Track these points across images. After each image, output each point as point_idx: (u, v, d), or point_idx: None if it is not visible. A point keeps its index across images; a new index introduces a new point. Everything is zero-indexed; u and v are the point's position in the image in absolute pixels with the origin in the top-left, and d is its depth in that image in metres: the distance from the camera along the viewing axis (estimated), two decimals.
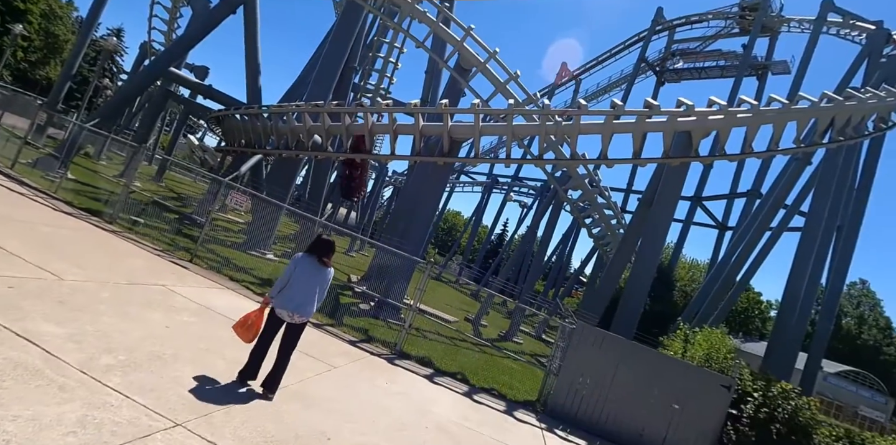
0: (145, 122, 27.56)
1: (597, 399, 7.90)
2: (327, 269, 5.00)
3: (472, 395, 7.43)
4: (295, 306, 4.70)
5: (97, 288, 5.77)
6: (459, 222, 60.92)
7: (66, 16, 50.89)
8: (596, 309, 13.03)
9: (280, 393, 4.74)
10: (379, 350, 8.14)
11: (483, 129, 12.72)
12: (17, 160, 11.87)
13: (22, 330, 4.00)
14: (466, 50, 15.58)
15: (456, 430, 5.61)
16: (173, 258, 9.08)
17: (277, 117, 14.72)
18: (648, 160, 13.53)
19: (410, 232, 13.41)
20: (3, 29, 35.51)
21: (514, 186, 41.65)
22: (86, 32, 25.46)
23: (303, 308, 4.75)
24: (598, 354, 8.11)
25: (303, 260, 4.85)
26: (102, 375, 3.78)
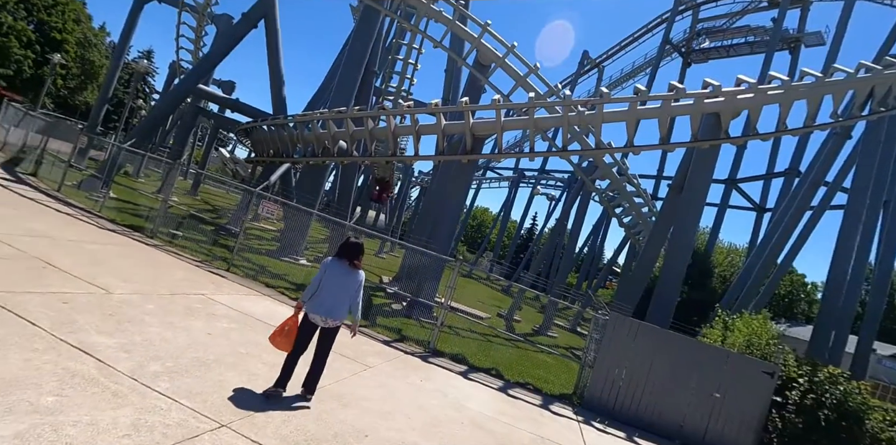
0: (179, 139, 28.68)
1: (634, 390, 7.82)
2: (358, 272, 5.01)
3: (507, 390, 7.49)
4: (326, 310, 4.77)
5: (143, 300, 6.10)
6: (488, 218, 60.78)
7: (99, 42, 53.22)
8: (630, 299, 12.83)
9: (318, 394, 4.92)
10: (413, 348, 8.28)
11: (505, 124, 12.71)
12: (63, 182, 12.59)
13: (77, 342, 4.30)
14: (484, 46, 15.58)
15: (492, 425, 5.68)
16: (211, 268, 9.47)
17: (303, 126, 15.08)
18: (677, 145, 13.27)
19: (438, 231, 13.53)
20: (42, 59, 37.42)
21: (541, 179, 41.33)
22: (118, 57, 26.71)
23: (334, 312, 4.82)
24: (633, 345, 8.03)
25: (332, 265, 4.90)
26: (151, 381, 4.03)
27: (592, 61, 42.90)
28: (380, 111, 13.83)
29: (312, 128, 14.50)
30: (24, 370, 3.54)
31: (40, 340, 4.10)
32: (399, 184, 39.19)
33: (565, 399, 8.03)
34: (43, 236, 7.69)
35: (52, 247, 7.18)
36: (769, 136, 12.71)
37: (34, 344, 3.99)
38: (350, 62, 16.58)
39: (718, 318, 10.21)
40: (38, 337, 4.16)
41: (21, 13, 41.33)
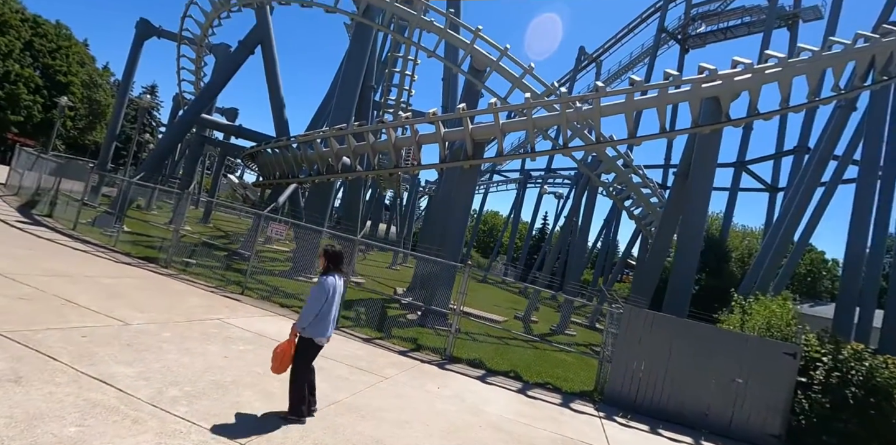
0: (187, 169, 29.26)
1: (654, 382, 7.77)
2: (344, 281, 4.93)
3: (526, 391, 7.49)
4: (332, 330, 4.79)
5: (159, 329, 6.26)
6: (499, 222, 60.74)
7: (104, 82, 54.77)
8: (646, 291, 12.75)
9: (335, 407, 5.01)
10: (429, 357, 8.33)
11: (504, 127, 12.81)
12: (78, 221, 12.95)
13: (97, 374, 4.44)
14: (477, 51, 15.73)
15: (511, 427, 5.70)
16: (226, 292, 9.66)
17: (305, 146, 15.33)
18: (678, 132, 13.27)
19: (447, 238, 13.60)
20: (50, 103, 38.53)
21: (547, 178, 41.26)
22: (122, 94, 27.45)
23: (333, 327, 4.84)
24: (650, 337, 7.99)
25: (337, 283, 4.75)
26: (170, 406, 4.15)
27: (589, 56, 42.94)
28: (379, 125, 14.02)
29: (315, 147, 14.74)
30: (47, 403, 3.68)
31: (62, 374, 4.25)
32: (406, 195, 39.42)
33: (586, 396, 8.00)
34: (61, 274, 7.94)
35: (70, 284, 7.41)
36: (771, 115, 12.61)
37: (56, 379, 4.14)
38: (347, 79, 16.85)
39: (735, 303, 10.10)
40: (59, 371, 4.31)
41: (27, 60, 42.78)
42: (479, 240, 58.83)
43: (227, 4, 20.26)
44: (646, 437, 6.56)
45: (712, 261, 19.72)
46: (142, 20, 26.35)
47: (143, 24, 26.32)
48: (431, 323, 10.75)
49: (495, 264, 42.48)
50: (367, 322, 10.09)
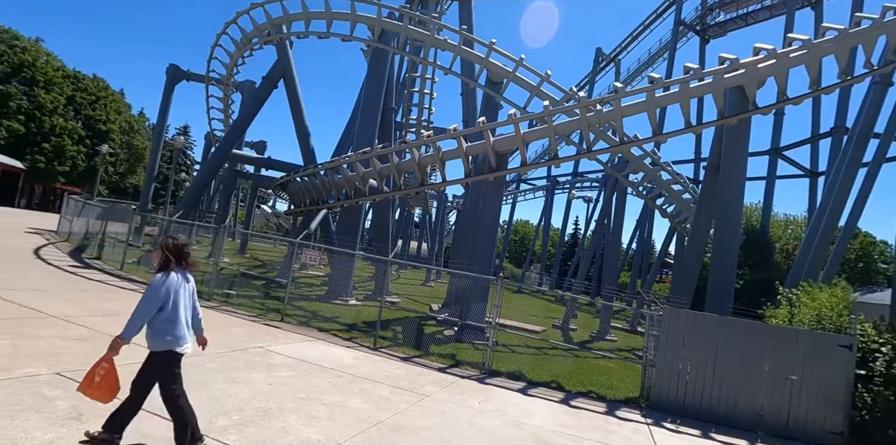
0: (222, 203, 30.45)
1: (702, 384, 7.53)
2: (189, 276, 4.11)
3: (569, 401, 7.38)
4: (189, 336, 4.09)
5: (204, 361, 6.51)
6: (529, 231, 60.28)
7: (140, 126, 57.84)
8: (685, 290, 12.40)
9: (377, 428, 5.07)
10: (468, 372, 8.33)
11: (525, 137, 12.86)
12: (125, 261, 13.63)
13: (150, 407, 4.62)
14: (493, 64, 15.97)
15: (555, 439, 5.63)
16: (266, 320, 9.94)
17: (332, 172, 15.75)
18: (703, 125, 12.99)
19: (477, 252, 13.64)
20: (93, 151, 40.82)
21: (575, 183, 40.88)
22: (158, 137, 28.89)
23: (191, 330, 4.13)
24: (693, 337, 7.78)
25: (180, 281, 3.96)
26: (221, 435, 4.31)
27: (607, 57, 42.72)
28: (402, 145, 14.29)
29: (341, 172, 15.13)
30: None
31: None
32: (435, 211, 39.70)
33: (632, 402, 7.81)
34: (110, 314, 8.37)
35: (119, 323, 7.72)
36: (801, 99, 12.20)
37: None
38: (367, 103, 17.32)
39: (781, 296, 9.70)
40: (114, 407, 4.54)
41: (70, 113, 45.62)
42: (511, 251, 58.45)
43: (249, 43, 21.24)
44: (697, 442, 6.34)
45: (755, 254, 19.01)
46: (171, 66, 27.80)
47: (173, 70, 27.76)
48: (468, 337, 10.74)
49: (529, 274, 42.07)
50: (404, 341, 10.17)
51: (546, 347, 11.55)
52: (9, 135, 39.95)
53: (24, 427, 3.85)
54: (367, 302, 14.71)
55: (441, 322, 12.86)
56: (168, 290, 3.83)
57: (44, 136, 42.69)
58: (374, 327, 9.63)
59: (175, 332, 3.91)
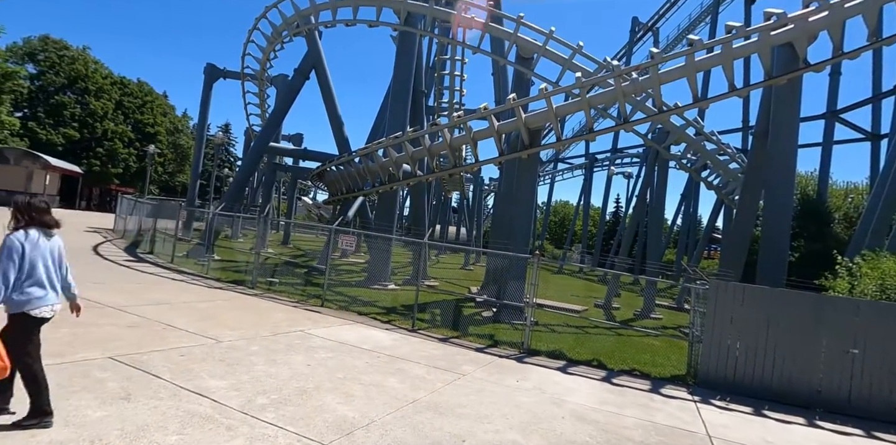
0: (264, 195, 31.32)
1: (753, 360, 7.16)
2: (54, 234, 3.82)
3: (611, 379, 7.19)
4: (55, 295, 3.79)
5: (247, 344, 6.73)
6: (570, 211, 59.11)
7: (185, 127, 60.16)
8: (735, 265, 11.80)
9: (413, 406, 5.10)
10: (506, 351, 8.26)
11: (558, 111, 12.42)
12: (175, 254, 14.27)
13: (194, 387, 4.85)
14: (522, 39, 15.51)
15: (595, 416, 5.50)
16: (307, 306, 10.19)
17: (366, 159, 15.84)
18: (749, 87, 12.15)
19: (514, 232, 13.45)
20: (142, 153, 42.82)
21: (615, 159, 39.63)
22: (200, 135, 29.93)
23: (58, 292, 3.85)
24: (742, 311, 7.39)
25: (34, 237, 3.66)
26: (259, 413, 4.43)
27: (644, 26, 40.76)
28: (433, 128, 14.15)
29: (374, 158, 15.18)
30: (152, 416, 4.07)
31: (164, 390, 4.69)
32: (472, 195, 39.48)
33: (678, 380, 7.54)
34: (162, 303, 8.78)
35: (169, 311, 8.18)
36: (858, 53, 11.13)
37: (159, 394, 4.57)
38: (398, 88, 17.27)
39: (839, 266, 9.06)
40: (161, 387, 4.76)
41: (120, 118, 47.91)
42: (552, 232, 57.57)
43: (280, 37, 21.52)
44: (748, 420, 6.05)
45: (811, 225, 17.87)
46: (209, 65, 28.56)
47: (210, 69, 28.52)
48: (507, 317, 10.66)
49: (570, 254, 41.35)
50: (442, 322, 10.21)
51: (587, 326, 11.32)
52: (66, 142, 42.47)
53: (77, 405, 4.06)
54: (406, 287, 14.85)
55: (480, 303, 12.82)
56: (18, 247, 3.54)
57: (97, 141, 45.15)
58: (412, 310, 9.69)
59: (29, 292, 3.58)
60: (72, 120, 43.66)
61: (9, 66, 17.96)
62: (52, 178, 33.75)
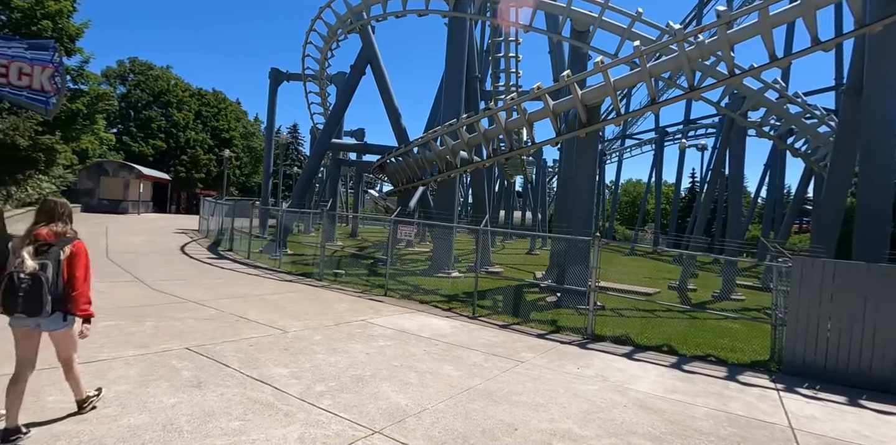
0: (331, 190, 32.58)
1: (848, 343, 6.43)
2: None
3: (682, 366, 6.77)
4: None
5: (311, 334, 7.02)
6: (641, 190, 56.25)
7: (256, 131, 63.68)
8: (827, 239, 10.66)
9: (467, 394, 5.08)
10: (569, 337, 8.03)
11: (616, 84, 11.76)
12: (251, 251, 15.21)
13: (258, 376, 5.13)
14: (576, 12, 14.79)
15: (662, 405, 5.20)
16: (371, 296, 10.48)
17: (423, 148, 15.93)
18: (836, 39, 10.74)
19: (576, 214, 13.00)
20: (221, 158, 45.87)
21: (688, 131, 37.12)
22: (269, 137, 31.50)
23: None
24: (834, 289, 6.65)
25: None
26: (316, 400, 4.60)
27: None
28: (486, 113, 13.93)
29: (431, 147, 15.22)
30: (218, 402, 4.35)
31: (231, 378, 5.00)
32: (534, 178, 38.68)
33: (759, 367, 6.95)
34: (236, 296, 9.38)
35: (243, 303, 8.72)
36: None
37: (227, 382, 4.88)
38: (451, 75, 17.17)
39: None
40: (229, 375, 5.07)
41: (199, 126, 51.62)
42: (622, 212, 55.18)
43: (335, 35, 22.07)
44: (840, 410, 5.44)
45: None
46: (273, 70, 29.90)
47: (275, 73, 29.85)
48: (571, 302, 10.34)
49: (643, 234, 39.43)
50: (503, 309, 10.11)
51: (658, 309, 10.74)
52: (155, 152, 46.52)
53: (153, 393, 4.43)
54: (469, 274, 14.83)
55: (544, 288, 12.56)
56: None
57: (181, 149, 49.01)
58: (473, 297, 9.67)
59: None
60: (158, 131, 47.67)
61: (101, 88, 19.80)
62: (145, 186, 37.09)
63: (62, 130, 17.48)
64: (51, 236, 3.58)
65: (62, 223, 3.69)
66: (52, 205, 3.75)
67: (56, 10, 16.11)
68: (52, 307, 3.47)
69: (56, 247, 3.55)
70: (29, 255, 3.43)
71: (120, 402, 4.18)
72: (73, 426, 3.71)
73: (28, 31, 15.63)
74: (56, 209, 3.72)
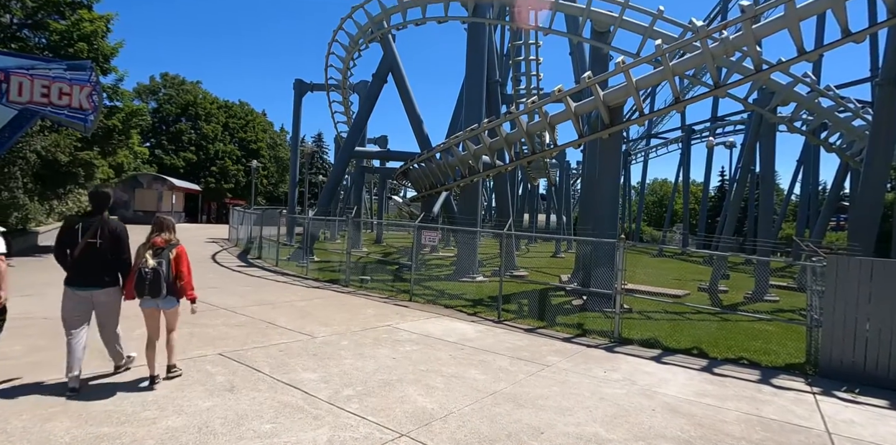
0: (355, 197, 33.03)
1: (889, 345, 6.19)
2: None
3: (713, 369, 6.62)
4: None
5: (339, 339, 7.16)
6: (668, 189, 55.14)
7: (282, 141, 65.11)
8: (865, 237, 10.27)
9: (492, 398, 5.10)
10: (595, 341, 7.95)
11: (638, 84, 11.63)
12: (279, 258, 15.56)
13: (289, 380, 5.27)
14: (596, 13, 14.74)
15: (690, 408, 5.11)
16: (396, 301, 10.59)
17: (445, 153, 16.04)
18: (867, 30, 10.37)
19: (600, 215, 12.88)
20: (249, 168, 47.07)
21: (715, 129, 36.28)
22: (294, 146, 32.22)
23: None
24: (873, 288, 6.42)
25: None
26: (344, 404, 4.70)
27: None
28: (507, 117, 13.95)
29: (453, 152, 15.32)
30: (250, 406, 4.49)
31: (262, 382, 5.14)
32: (558, 181, 38.35)
33: (794, 369, 6.75)
34: (266, 303, 9.62)
35: (272, 310, 8.94)
36: None
37: (258, 386, 5.03)
38: (471, 80, 17.28)
39: None
40: (260, 380, 5.22)
41: (227, 138, 53.09)
42: (649, 213, 54.17)
43: (357, 45, 22.46)
44: (881, 414, 5.23)
45: None
46: (297, 80, 30.61)
47: (299, 84, 30.55)
48: (597, 305, 10.24)
49: (671, 235, 38.60)
50: (529, 313, 10.07)
51: (688, 312, 10.53)
52: (186, 164, 48.05)
53: (189, 397, 4.60)
54: (494, 278, 14.81)
55: (570, 292, 12.46)
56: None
57: (210, 161, 50.50)
58: (498, 301, 9.68)
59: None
60: (189, 144, 49.26)
61: (135, 104, 20.63)
62: (177, 197, 38.36)
63: (99, 146, 18.26)
64: (162, 242, 4.90)
65: (167, 233, 4.99)
66: (162, 220, 5.10)
67: (91, 30, 16.87)
68: (167, 291, 4.81)
69: (166, 250, 4.88)
70: (150, 256, 4.77)
71: (158, 405, 4.36)
72: (116, 428, 3.89)
73: (66, 52, 16.42)
74: (164, 223, 5.05)
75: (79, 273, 4.69)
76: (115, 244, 4.82)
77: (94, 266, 4.70)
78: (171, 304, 4.99)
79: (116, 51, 17.95)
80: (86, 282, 4.69)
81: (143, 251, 4.82)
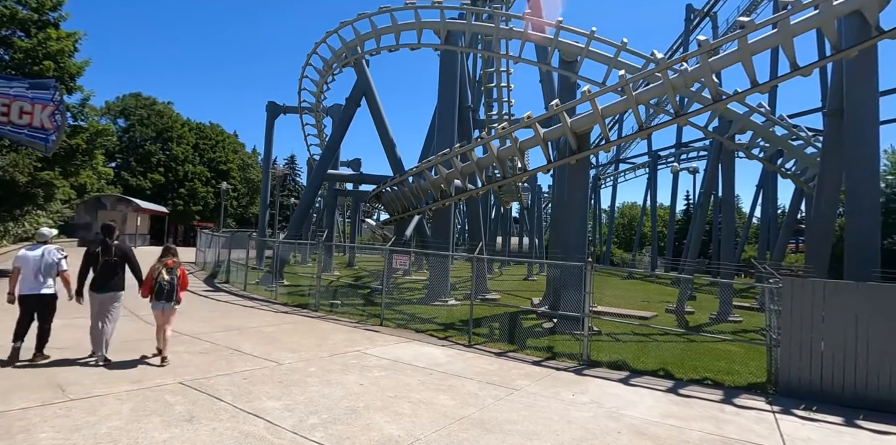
0: (327, 220, 32.72)
1: (843, 363, 6.44)
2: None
3: (678, 390, 6.73)
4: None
5: (306, 366, 7.00)
6: (637, 212, 56.63)
7: (254, 162, 64.40)
8: (819, 259, 10.75)
9: (459, 423, 5.06)
10: (565, 364, 8.00)
11: (603, 112, 12.11)
12: (247, 282, 15.20)
13: (251, 409, 5.11)
14: (563, 43, 15.34)
15: (655, 430, 5.17)
16: (367, 326, 10.45)
17: (417, 177, 16.17)
18: (816, 64, 11.12)
19: (569, 239, 13.11)
20: (218, 190, 46.28)
21: (679, 155, 37.69)
22: (266, 168, 31.88)
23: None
24: (826, 309, 6.70)
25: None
26: (309, 432, 4.58)
27: (699, 12, 38.70)
28: (478, 142, 14.21)
29: (426, 176, 15.46)
30: (210, 437, 4.32)
31: (224, 412, 4.97)
32: (530, 205, 38.96)
33: (756, 389, 6.92)
34: (231, 329, 9.35)
35: (237, 336, 8.69)
36: None
37: (219, 416, 4.86)
38: (443, 105, 17.58)
39: None
40: (222, 409, 5.05)
41: (197, 159, 52.18)
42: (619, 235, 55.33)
43: (330, 69, 22.67)
44: (836, 431, 5.40)
45: None
46: (270, 103, 30.54)
47: (272, 106, 30.48)
48: (566, 328, 10.32)
49: (641, 257, 39.44)
50: (500, 336, 10.07)
51: (655, 333, 10.71)
52: (153, 185, 46.90)
53: (146, 429, 4.41)
54: (466, 302, 14.79)
55: (540, 315, 12.53)
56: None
57: (179, 183, 49.45)
58: (469, 325, 9.65)
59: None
60: (158, 166, 48.22)
61: (101, 124, 20.17)
62: (142, 219, 37.25)
63: (61, 166, 17.69)
64: (171, 263, 7.01)
65: (173, 257, 7.09)
66: (170, 248, 7.31)
67: (57, 49, 16.60)
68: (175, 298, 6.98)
69: (174, 269, 7.03)
70: (165, 272, 6.88)
71: (112, 439, 4.16)
72: None
73: (30, 70, 16.06)
74: (171, 250, 7.23)
75: (101, 281, 6.64)
76: (124, 259, 6.85)
77: (110, 276, 6.68)
78: (172, 305, 6.99)
79: (83, 69, 17.65)
80: (105, 288, 6.64)
81: (160, 268, 6.87)
